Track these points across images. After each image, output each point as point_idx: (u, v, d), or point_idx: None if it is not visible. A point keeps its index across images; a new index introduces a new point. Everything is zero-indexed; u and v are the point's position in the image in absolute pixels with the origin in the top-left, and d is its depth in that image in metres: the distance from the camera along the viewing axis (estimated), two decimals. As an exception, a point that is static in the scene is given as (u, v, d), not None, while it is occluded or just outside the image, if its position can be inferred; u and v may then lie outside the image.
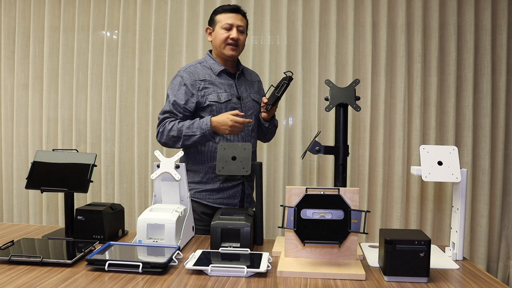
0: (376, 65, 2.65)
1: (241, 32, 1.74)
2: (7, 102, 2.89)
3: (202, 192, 1.75)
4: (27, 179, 1.48)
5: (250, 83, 1.85)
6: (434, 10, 2.59)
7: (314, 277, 1.09)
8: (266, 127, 1.85)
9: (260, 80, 1.95)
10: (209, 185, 1.74)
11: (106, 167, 2.78)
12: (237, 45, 1.73)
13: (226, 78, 1.78)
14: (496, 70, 2.61)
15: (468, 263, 1.24)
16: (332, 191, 1.16)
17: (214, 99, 1.70)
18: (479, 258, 2.62)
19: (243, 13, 1.78)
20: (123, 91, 2.76)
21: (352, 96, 1.34)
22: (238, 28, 1.72)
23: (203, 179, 1.75)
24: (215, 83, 1.73)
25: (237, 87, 1.78)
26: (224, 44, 1.72)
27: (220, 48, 1.74)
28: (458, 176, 1.24)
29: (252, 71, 1.95)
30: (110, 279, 1.05)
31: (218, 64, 1.77)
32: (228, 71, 1.78)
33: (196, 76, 1.73)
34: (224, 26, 1.71)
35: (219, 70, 1.75)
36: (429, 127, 2.63)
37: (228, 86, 1.76)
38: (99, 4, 2.78)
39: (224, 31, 1.72)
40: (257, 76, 1.95)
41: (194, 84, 1.72)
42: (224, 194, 1.75)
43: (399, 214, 2.62)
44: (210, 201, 1.74)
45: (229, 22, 1.71)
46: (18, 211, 2.88)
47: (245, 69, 1.88)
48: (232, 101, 1.73)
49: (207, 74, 1.75)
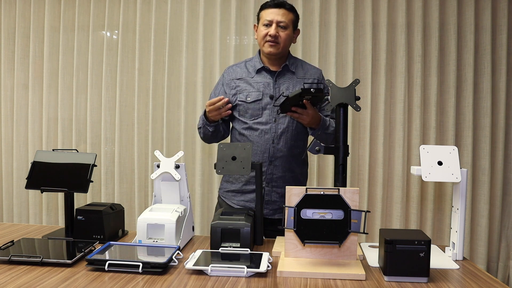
0: (376, 65, 2.65)
1: (283, 28, 1.67)
2: (7, 102, 2.89)
3: (228, 192, 1.76)
4: (27, 179, 1.48)
5: (298, 81, 1.73)
6: (434, 10, 2.59)
7: (314, 277, 1.09)
8: (311, 134, 1.71)
9: (318, 78, 1.78)
10: (234, 185, 1.75)
11: (106, 167, 2.78)
12: (276, 42, 1.66)
13: (265, 76, 1.73)
14: (496, 70, 2.61)
15: (468, 263, 1.24)
16: (332, 191, 1.16)
17: (242, 99, 1.70)
18: (479, 258, 2.61)
19: (288, 8, 1.69)
20: (123, 91, 2.76)
21: (352, 96, 1.34)
22: (279, 24, 1.66)
23: (230, 179, 1.77)
24: (250, 82, 1.72)
25: (274, 85, 1.72)
26: (263, 41, 1.68)
27: (261, 46, 1.71)
28: (458, 176, 1.24)
29: (311, 67, 1.81)
30: (110, 279, 1.05)
31: (260, 61, 1.74)
32: (267, 68, 1.73)
33: (234, 75, 1.75)
34: (264, 23, 1.68)
35: (258, 68, 1.73)
36: (429, 127, 2.63)
37: (264, 85, 1.71)
38: (99, 4, 2.78)
39: (264, 28, 1.68)
40: (316, 73, 1.78)
41: (229, 83, 1.74)
42: (246, 197, 1.73)
43: (399, 214, 2.62)
44: (234, 202, 1.74)
45: (268, 19, 1.66)
46: (18, 211, 2.88)
47: (299, 66, 1.77)
48: (263, 101, 1.69)
49: (245, 73, 1.75)
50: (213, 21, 2.69)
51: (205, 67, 2.67)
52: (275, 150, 1.69)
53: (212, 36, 2.70)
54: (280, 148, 1.69)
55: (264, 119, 1.69)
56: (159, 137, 2.75)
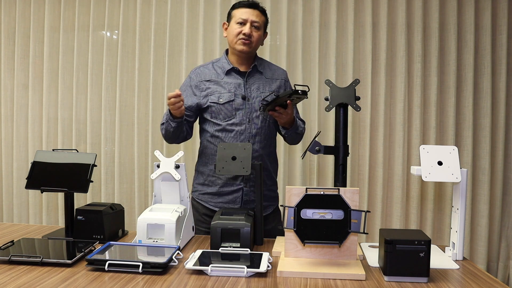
0: (376, 65, 2.65)
1: (256, 28, 1.68)
2: (7, 102, 2.89)
3: (205, 194, 1.74)
4: (27, 179, 1.48)
5: (267, 81, 1.75)
6: (434, 10, 2.59)
7: (314, 277, 1.09)
8: (283, 134, 1.75)
9: (285, 79, 1.82)
10: (210, 188, 1.73)
11: (106, 167, 2.78)
12: (249, 41, 1.66)
13: (235, 77, 1.72)
14: (496, 70, 2.61)
15: (468, 263, 1.24)
16: (332, 191, 1.16)
17: (214, 100, 1.69)
18: (479, 258, 2.62)
19: (261, 10, 1.71)
20: (123, 91, 2.76)
21: (352, 96, 1.34)
22: (252, 24, 1.66)
23: (206, 182, 1.75)
24: (221, 83, 1.71)
25: (245, 86, 1.72)
26: (236, 39, 1.67)
27: (232, 43, 1.70)
28: (458, 176, 1.24)
29: (277, 68, 1.84)
30: (110, 279, 1.05)
31: (228, 63, 1.73)
32: (236, 69, 1.73)
33: (202, 76, 1.73)
34: (238, 21, 1.66)
35: (227, 69, 1.72)
36: (429, 127, 2.63)
37: (235, 86, 1.70)
38: (99, 4, 2.78)
39: (238, 26, 1.67)
40: (282, 74, 1.82)
41: (198, 85, 1.72)
42: (224, 199, 1.72)
43: (399, 214, 2.62)
44: (212, 204, 1.73)
45: (243, 17, 1.66)
46: (18, 211, 2.88)
47: (266, 66, 1.79)
48: (236, 102, 1.69)
49: (214, 74, 1.73)
50: (213, 21, 2.69)
51: (205, 67, 2.67)
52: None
53: (212, 36, 2.70)
54: (255, 148, 1.70)
55: (238, 120, 1.68)
56: (159, 137, 2.75)
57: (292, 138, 1.77)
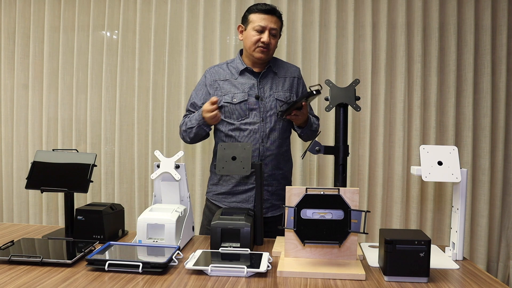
0: (376, 65, 2.65)
1: (274, 36, 1.68)
2: (7, 102, 2.89)
3: (219, 194, 1.76)
4: (27, 179, 1.48)
5: (280, 80, 1.76)
6: (434, 10, 2.59)
7: (314, 277, 1.09)
8: (298, 133, 1.78)
9: (298, 76, 1.81)
10: (224, 187, 1.74)
11: (106, 167, 2.78)
12: (267, 49, 1.67)
13: (249, 77, 1.73)
14: (496, 70, 2.61)
15: (468, 263, 1.24)
16: (332, 191, 1.16)
17: (228, 100, 1.70)
18: (479, 258, 2.62)
19: (279, 15, 1.70)
20: (123, 91, 2.76)
21: (352, 96, 1.34)
22: (271, 32, 1.66)
23: (219, 182, 1.76)
24: (234, 83, 1.72)
25: (259, 86, 1.73)
26: (254, 46, 1.67)
27: (250, 50, 1.69)
28: (458, 176, 1.24)
29: (291, 66, 1.83)
30: (110, 279, 1.05)
31: (242, 63, 1.74)
32: (250, 69, 1.73)
33: (217, 76, 1.74)
34: (256, 28, 1.65)
35: (241, 69, 1.73)
36: (429, 127, 2.63)
37: (249, 86, 1.71)
38: (99, 4, 2.78)
39: (256, 33, 1.65)
40: (295, 72, 1.82)
41: (212, 85, 1.74)
42: (237, 198, 1.73)
43: (399, 214, 2.62)
44: (225, 204, 1.74)
45: (262, 25, 1.64)
46: (18, 211, 2.88)
47: (279, 65, 1.79)
48: (249, 101, 1.69)
49: (228, 74, 1.74)
50: (213, 21, 2.69)
51: (205, 67, 2.67)
52: (264, 149, 1.70)
53: (212, 36, 2.70)
54: (269, 147, 1.71)
55: (251, 119, 1.70)
56: (159, 137, 2.75)
57: (307, 136, 1.79)
